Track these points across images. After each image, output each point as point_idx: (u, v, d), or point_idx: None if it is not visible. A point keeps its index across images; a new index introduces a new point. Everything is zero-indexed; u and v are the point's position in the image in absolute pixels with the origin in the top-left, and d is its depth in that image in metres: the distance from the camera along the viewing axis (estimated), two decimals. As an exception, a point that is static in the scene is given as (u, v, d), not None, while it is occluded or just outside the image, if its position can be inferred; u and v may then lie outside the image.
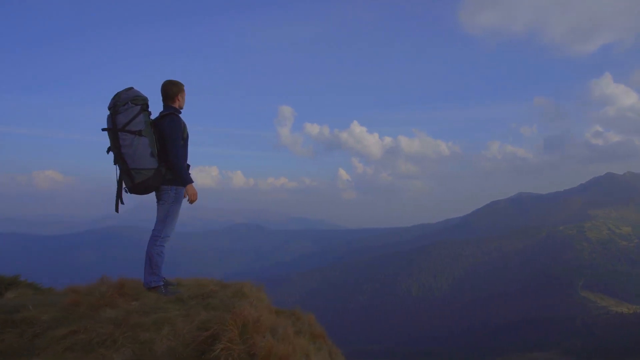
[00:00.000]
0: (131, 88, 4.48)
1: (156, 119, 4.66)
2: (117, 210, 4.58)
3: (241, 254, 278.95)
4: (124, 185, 4.53)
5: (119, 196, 4.55)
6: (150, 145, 4.40)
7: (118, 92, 4.42)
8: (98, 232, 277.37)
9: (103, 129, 4.40)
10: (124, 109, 4.30)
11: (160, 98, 4.85)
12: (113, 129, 4.32)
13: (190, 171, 4.87)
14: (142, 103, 4.40)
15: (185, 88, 4.86)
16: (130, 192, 4.54)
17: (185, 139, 4.74)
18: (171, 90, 4.74)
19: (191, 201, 4.69)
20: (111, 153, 4.46)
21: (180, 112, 4.82)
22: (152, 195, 4.81)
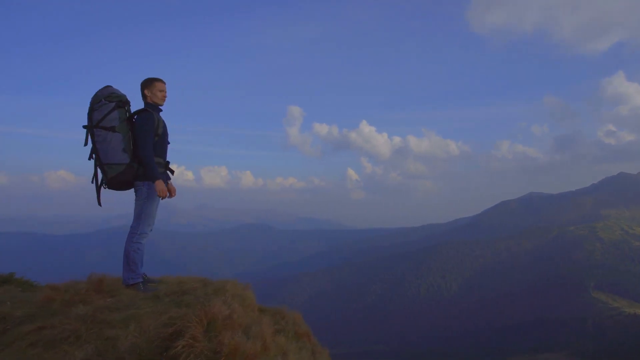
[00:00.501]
0: (108, 86, 4.61)
1: (131, 115, 4.68)
2: (99, 203, 4.68)
3: (249, 253, 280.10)
4: (103, 181, 4.61)
5: (99, 191, 4.65)
6: (124, 140, 4.48)
7: (96, 91, 4.56)
8: (108, 232, 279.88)
9: (84, 127, 4.53)
10: (99, 106, 4.46)
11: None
12: (89, 126, 4.48)
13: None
14: (117, 100, 4.50)
15: (161, 85, 4.83)
16: (107, 188, 4.64)
17: (160, 135, 4.73)
18: (141, 87, 4.83)
19: (161, 197, 4.67)
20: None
21: (155, 108, 4.82)
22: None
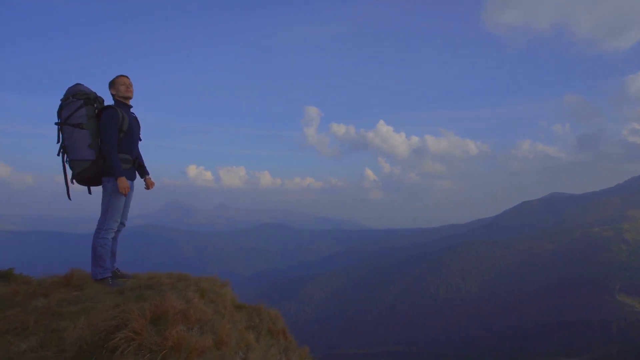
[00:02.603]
0: (77, 84, 4.71)
1: (99, 112, 4.74)
2: (69, 197, 4.74)
3: (267, 253, 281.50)
4: (70, 176, 4.72)
5: (67, 185, 4.74)
6: (91, 137, 4.56)
7: (67, 89, 4.68)
8: (129, 231, 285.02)
9: (55, 123, 4.64)
10: (67, 103, 4.56)
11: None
12: (59, 123, 4.59)
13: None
14: (84, 97, 4.59)
15: (122, 79, 4.90)
16: (77, 183, 4.74)
17: (125, 131, 4.77)
18: (109, 89, 4.95)
19: (123, 194, 4.69)
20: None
21: (122, 105, 4.88)
22: (182, 195, 4.94)
